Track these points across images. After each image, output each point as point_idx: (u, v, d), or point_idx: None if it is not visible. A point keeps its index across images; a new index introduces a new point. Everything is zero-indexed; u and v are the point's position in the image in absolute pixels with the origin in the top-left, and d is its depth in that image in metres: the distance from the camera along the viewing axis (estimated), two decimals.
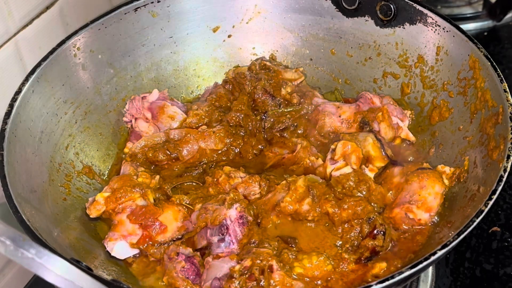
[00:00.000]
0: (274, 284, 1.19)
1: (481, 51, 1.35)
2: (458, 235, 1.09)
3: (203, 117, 1.55)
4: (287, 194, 1.31)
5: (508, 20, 2.13)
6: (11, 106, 1.34)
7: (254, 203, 1.36)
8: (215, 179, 1.40)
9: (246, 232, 1.29)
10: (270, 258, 1.21)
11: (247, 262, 1.21)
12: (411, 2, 1.47)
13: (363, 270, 1.24)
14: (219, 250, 1.27)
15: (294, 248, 1.28)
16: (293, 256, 1.24)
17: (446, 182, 1.34)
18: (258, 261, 1.21)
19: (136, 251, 1.33)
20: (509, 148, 1.19)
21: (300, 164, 1.44)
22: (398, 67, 1.56)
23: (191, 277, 1.24)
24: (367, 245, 1.25)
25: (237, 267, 1.22)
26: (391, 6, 1.51)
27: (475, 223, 1.10)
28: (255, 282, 1.19)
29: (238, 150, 1.52)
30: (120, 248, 1.32)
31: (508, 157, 1.18)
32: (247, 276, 1.19)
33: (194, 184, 1.45)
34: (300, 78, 1.62)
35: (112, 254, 1.32)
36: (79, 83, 1.52)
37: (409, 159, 1.47)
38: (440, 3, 2.21)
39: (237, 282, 1.19)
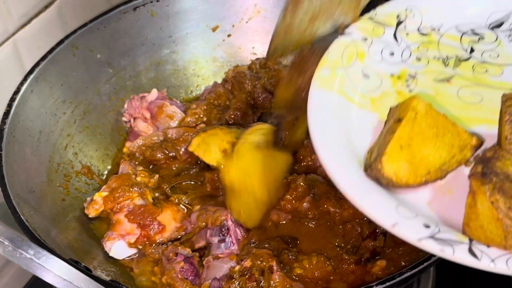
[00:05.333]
0: (274, 285, 1.18)
1: None
2: None
3: (201, 115, 1.55)
4: (287, 192, 1.31)
5: None
6: (9, 106, 1.34)
7: None
8: (215, 176, 1.40)
9: (246, 233, 1.29)
10: (270, 259, 1.20)
11: (247, 263, 1.21)
12: None
13: (363, 270, 1.24)
14: (219, 251, 1.27)
15: (295, 249, 1.27)
16: (293, 257, 1.24)
17: None
18: (258, 262, 1.20)
19: (134, 250, 1.33)
20: None
21: (301, 164, 1.44)
22: None
23: (190, 277, 1.24)
24: (367, 246, 1.25)
25: (237, 267, 1.21)
26: None
27: None
28: (255, 283, 1.19)
29: None
30: (118, 248, 1.32)
31: None
32: (247, 277, 1.19)
33: (192, 183, 1.45)
34: None
35: (110, 255, 1.32)
36: (78, 83, 1.52)
37: None
38: None
39: (237, 283, 1.19)
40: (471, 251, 0.87)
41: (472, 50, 1.18)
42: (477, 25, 1.20)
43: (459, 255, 0.87)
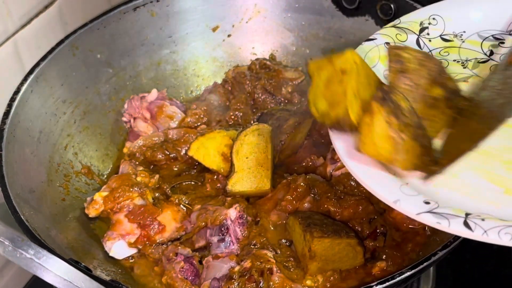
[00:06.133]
0: (273, 286, 1.18)
1: None
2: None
3: (201, 116, 1.55)
4: (287, 193, 1.31)
5: None
6: (9, 106, 1.34)
7: (253, 203, 1.36)
8: (215, 176, 1.41)
9: (246, 233, 1.29)
10: (270, 261, 1.20)
11: (247, 264, 1.21)
12: (412, 1, 1.47)
13: (363, 270, 1.24)
14: (219, 250, 1.27)
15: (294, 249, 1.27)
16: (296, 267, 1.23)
17: None
18: (258, 263, 1.20)
19: (134, 250, 1.33)
20: None
21: (301, 164, 1.44)
22: None
23: (190, 277, 1.24)
24: (367, 246, 1.25)
25: (237, 268, 1.21)
26: (391, 6, 1.50)
27: None
28: (254, 284, 1.19)
29: None
30: (118, 248, 1.32)
31: None
32: (246, 277, 1.19)
33: (192, 183, 1.45)
34: (300, 78, 1.61)
35: (110, 254, 1.32)
36: (78, 83, 1.52)
37: None
38: None
39: (236, 283, 1.19)
40: (466, 224, 0.92)
41: (491, 53, 1.24)
42: (498, 32, 1.26)
43: (454, 227, 0.92)
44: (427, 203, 0.96)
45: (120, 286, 1.07)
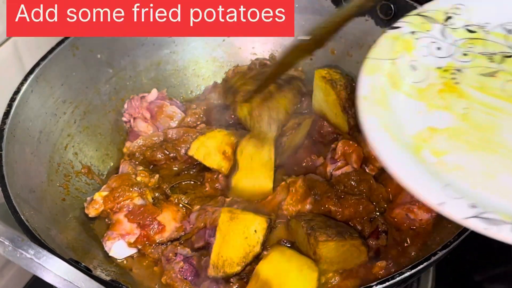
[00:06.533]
0: None
1: None
2: (459, 235, 1.09)
3: (201, 115, 1.55)
4: (288, 196, 1.31)
5: None
6: (9, 106, 1.34)
7: (254, 205, 1.36)
8: (214, 176, 1.41)
9: None
10: None
11: None
12: (412, 2, 1.46)
13: (363, 270, 1.24)
14: None
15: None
16: None
17: None
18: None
19: (134, 250, 1.33)
20: None
21: (300, 164, 1.44)
22: None
23: (190, 278, 1.24)
24: (371, 245, 1.25)
25: None
26: (391, 6, 1.50)
27: None
28: None
29: None
30: (118, 248, 1.32)
31: None
32: (244, 280, 1.19)
33: (192, 183, 1.45)
34: (300, 77, 1.61)
35: (110, 254, 1.32)
36: (78, 83, 1.52)
37: None
38: None
39: (235, 286, 1.19)
40: None
41: None
42: None
43: (504, 233, 0.89)
44: (473, 207, 0.92)
45: (120, 286, 1.07)
